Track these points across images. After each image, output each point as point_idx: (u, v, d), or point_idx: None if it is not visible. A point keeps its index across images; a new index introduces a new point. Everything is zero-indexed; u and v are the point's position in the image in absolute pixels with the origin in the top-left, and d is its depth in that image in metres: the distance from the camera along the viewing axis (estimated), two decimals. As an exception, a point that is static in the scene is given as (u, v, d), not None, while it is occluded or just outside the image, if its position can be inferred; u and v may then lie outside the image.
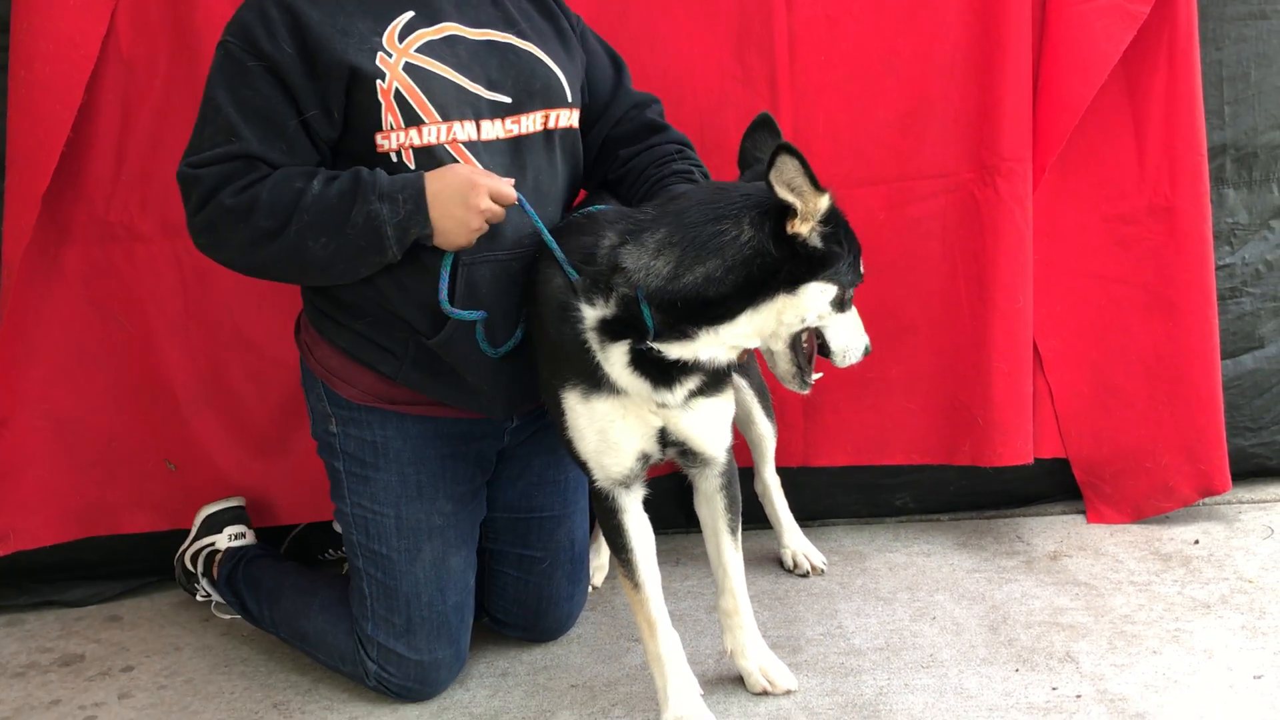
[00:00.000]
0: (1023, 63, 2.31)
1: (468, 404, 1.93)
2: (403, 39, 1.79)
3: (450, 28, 1.84)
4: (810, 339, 1.76)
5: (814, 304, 1.67)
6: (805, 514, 2.52)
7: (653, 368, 1.69)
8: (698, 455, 1.84)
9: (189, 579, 2.38)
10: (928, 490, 2.61)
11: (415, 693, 1.98)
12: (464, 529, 2.01)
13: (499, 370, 1.87)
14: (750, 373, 2.30)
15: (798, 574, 2.39)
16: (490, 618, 2.17)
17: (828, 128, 2.37)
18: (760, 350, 1.77)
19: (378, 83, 1.76)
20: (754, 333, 1.68)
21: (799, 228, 1.61)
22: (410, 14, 1.82)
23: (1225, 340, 2.50)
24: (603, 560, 2.43)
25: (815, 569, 2.38)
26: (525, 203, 1.79)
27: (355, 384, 1.95)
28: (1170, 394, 2.45)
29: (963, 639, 2.06)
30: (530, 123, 1.86)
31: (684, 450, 1.83)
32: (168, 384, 2.40)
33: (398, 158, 1.78)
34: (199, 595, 2.38)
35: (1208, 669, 1.91)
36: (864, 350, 1.81)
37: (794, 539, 2.42)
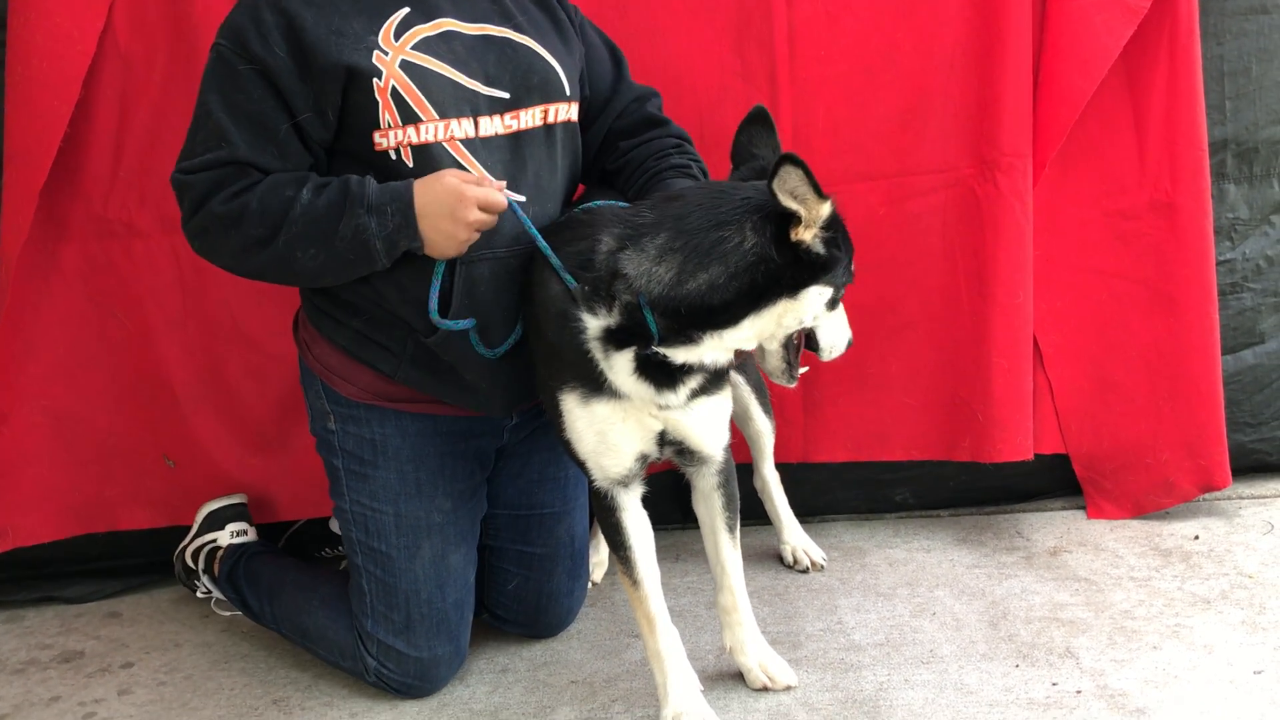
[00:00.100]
0: (1023, 57, 2.30)
1: (467, 402, 1.93)
2: (398, 36, 1.78)
3: (447, 23, 1.83)
4: (799, 335, 1.78)
5: (813, 306, 1.68)
6: (805, 510, 2.51)
7: (657, 371, 1.69)
8: (696, 454, 1.84)
9: (189, 575, 2.38)
10: (927, 486, 2.61)
11: (415, 689, 1.98)
12: (463, 526, 2.01)
13: (497, 369, 1.87)
14: (747, 369, 2.29)
15: (797, 570, 2.39)
16: (490, 614, 2.17)
17: (827, 123, 2.36)
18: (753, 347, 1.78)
19: (374, 81, 1.75)
20: (754, 335, 1.69)
21: (802, 234, 1.61)
22: (405, 10, 1.81)
23: (1226, 336, 2.50)
24: (602, 556, 2.43)
25: (815, 565, 2.38)
26: (518, 209, 1.77)
27: (354, 382, 1.94)
28: (1171, 389, 2.44)
29: (963, 634, 2.06)
30: (529, 118, 1.85)
31: (682, 449, 1.83)
32: (166, 380, 2.40)
33: (396, 155, 1.78)
34: (199, 592, 2.38)
35: (1208, 664, 1.91)
36: (847, 344, 1.84)
37: (794, 535, 2.42)
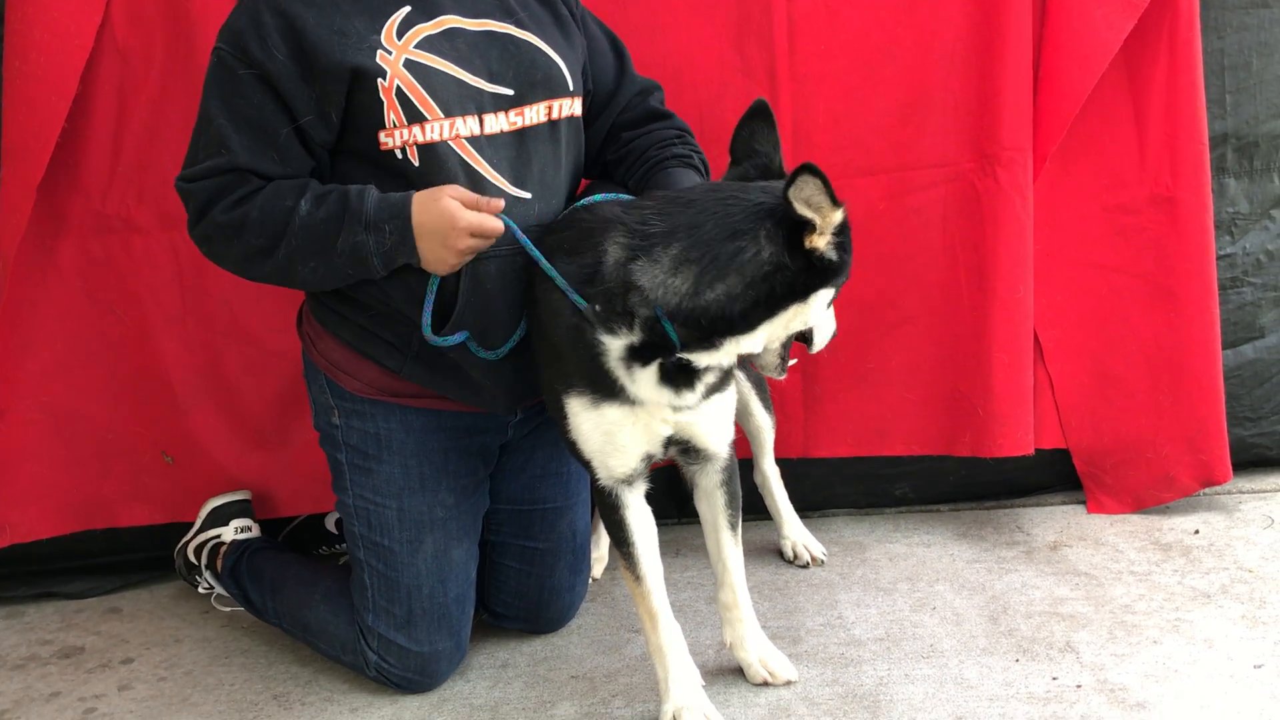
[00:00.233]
0: (1023, 52, 2.30)
1: (471, 399, 1.93)
2: (401, 35, 1.78)
3: (449, 21, 1.82)
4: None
5: (818, 308, 1.70)
6: (805, 505, 2.51)
7: (678, 375, 1.70)
8: (701, 452, 1.84)
9: (190, 571, 2.38)
10: (928, 481, 2.61)
11: (415, 684, 1.98)
12: (466, 521, 2.01)
13: (501, 367, 1.87)
14: (746, 365, 2.29)
15: (798, 565, 2.39)
16: (490, 612, 2.16)
17: (827, 117, 2.36)
18: None
19: (379, 81, 1.74)
20: (766, 338, 1.70)
21: (816, 242, 1.61)
22: (407, 9, 1.80)
23: (1226, 330, 2.50)
24: (602, 551, 2.43)
25: (815, 560, 2.38)
26: (517, 230, 1.75)
27: (358, 377, 1.94)
28: (1171, 384, 2.44)
29: (963, 629, 2.06)
30: (534, 114, 1.85)
31: (687, 448, 1.84)
32: (165, 376, 2.40)
33: (402, 155, 1.77)
34: (201, 587, 2.38)
35: (1208, 658, 1.91)
36: (832, 334, 1.86)
37: (794, 530, 2.42)
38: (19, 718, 2.03)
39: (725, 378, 1.79)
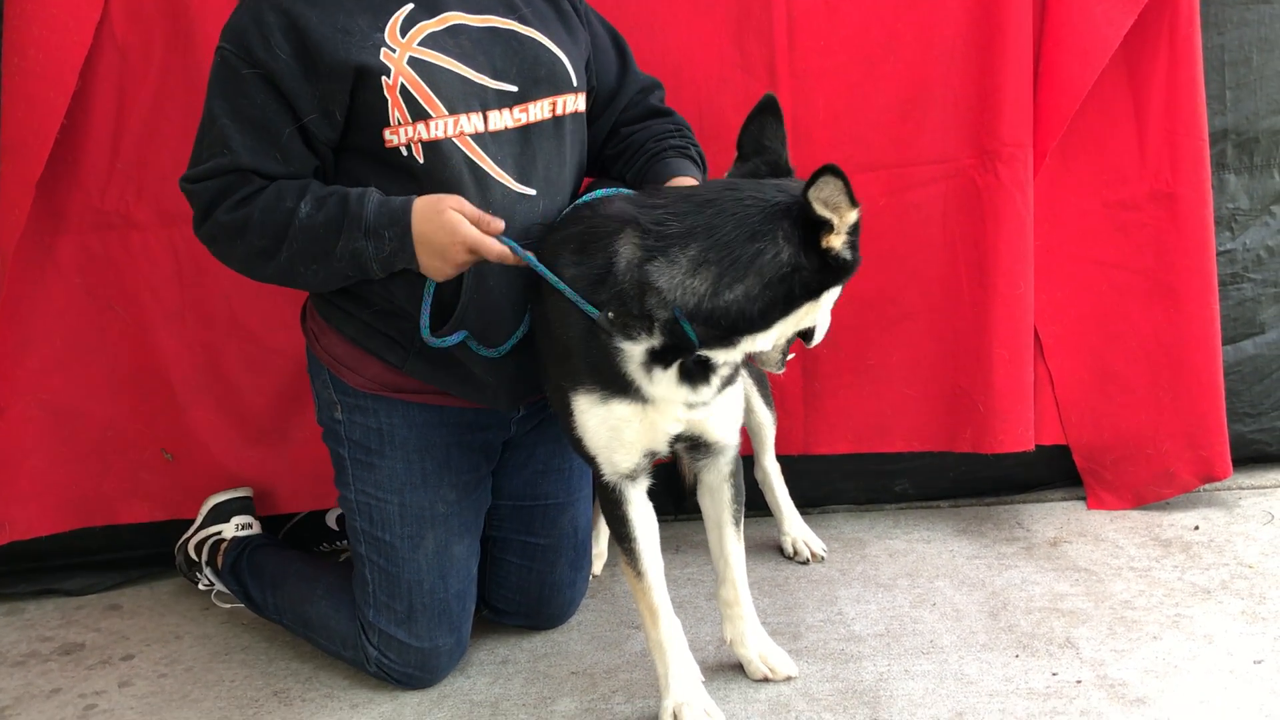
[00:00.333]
0: (1023, 47, 2.30)
1: (473, 396, 1.93)
2: (404, 32, 1.77)
3: (452, 17, 1.81)
4: None
5: (827, 305, 1.71)
6: (805, 501, 2.52)
7: (694, 371, 1.71)
8: (712, 446, 1.85)
9: (191, 567, 2.38)
10: (927, 477, 2.61)
11: (416, 679, 1.98)
12: (467, 517, 2.01)
13: (503, 364, 1.87)
14: (747, 361, 2.29)
15: (798, 561, 2.39)
16: (490, 609, 2.17)
17: (827, 113, 2.36)
18: None
19: (383, 79, 1.74)
20: (779, 335, 1.70)
21: (832, 241, 1.61)
22: (410, 6, 1.79)
23: (1226, 326, 2.50)
24: (602, 548, 2.43)
25: (815, 556, 2.38)
26: (518, 248, 1.72)
27: (361, 372, 1.94)
28: (1171, 380, 2.44)
29: (963, 625, 2.06)
30: (538, 110, 1.84)
31: (696, 444, 1.84)
32: (164, 373, 2.40)
33: (407, 152, 1.77)
34: (201, 584, 2.38)
35: (1208, 654, 1.92)
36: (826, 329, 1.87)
37: (794, 526, 2.42)
38: (20, 714, 2.03)
39: (735, 371, 1.80)
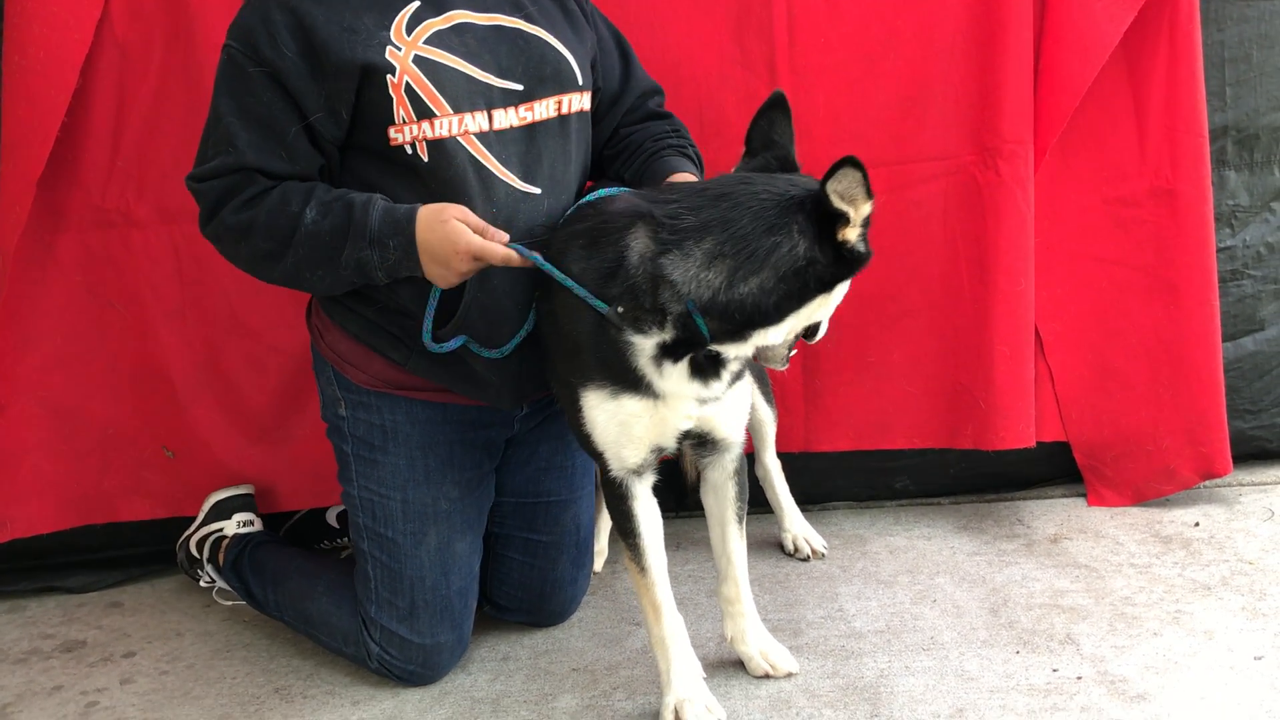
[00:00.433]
0: (1023, 44, 2.30)
1: (476, 394, 1.93)
2: (410, 30, 1.77)
3: (458, 15, 1.81)
4: None
5: (837, 299, 1.70)
6: (805, 498, 2.52)
7: (707, 366, 1.71)
8: (719, 442, 1.85)
9: (193, 565, 2.38)
10: (928, 473, 2.61)
11: (417, 676, 1.99)
12: (470, 514, 2.01)
13: (506, 364, 1.87)
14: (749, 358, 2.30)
15: (798, 558, 2.39)
16: (492, 605, 2.17)
17: (828, 110, 2.36)
18: None
19: (388, 77, 1.74)
20: (789, 330, 1.70)
21: (848, 234, 1.61)
22: (416, 4, 1.79)
23: (1226, 323, 2.50)
24: (603, 544, 2.43)
25: (816, 553, 2.38)
26: (524, 249, 1.72)
27: (365, 369, 1.94)
28: (1171, 377, 2.44)
29: (963, 621, 2.06)
30: (544, 109, 1.84)
31: (703, 440, 1.84)
32: (165, 371, 2.39)
33: (412, 150, 1.77)
34: (202, 581, 2.38)
35: (1208, 650, 1.92)
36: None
37: (795, 523, 2.42)
38: (21, 712, 2.03)
39: (743, 367, 1.80)
